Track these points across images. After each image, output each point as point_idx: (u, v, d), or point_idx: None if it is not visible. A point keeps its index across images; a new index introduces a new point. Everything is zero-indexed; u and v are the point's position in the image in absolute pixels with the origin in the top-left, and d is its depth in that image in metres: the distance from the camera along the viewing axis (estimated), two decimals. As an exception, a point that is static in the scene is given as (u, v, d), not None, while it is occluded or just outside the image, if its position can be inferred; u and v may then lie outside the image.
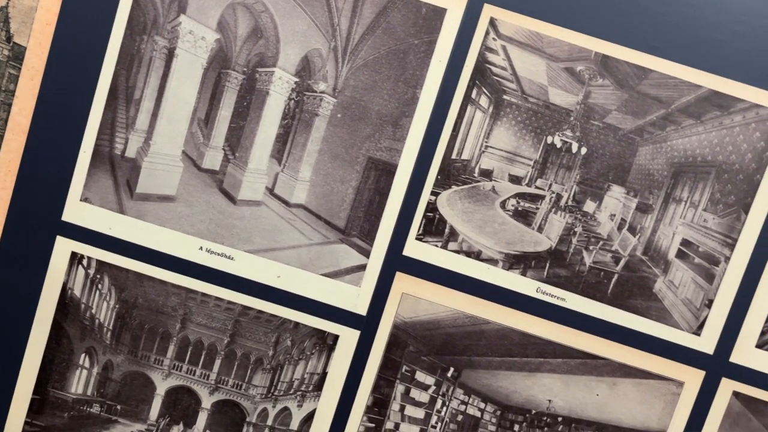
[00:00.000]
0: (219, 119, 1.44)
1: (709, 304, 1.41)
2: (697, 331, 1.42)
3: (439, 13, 1.38)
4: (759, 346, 1.42)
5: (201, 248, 1.44)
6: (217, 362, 1.49)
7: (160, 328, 1.48)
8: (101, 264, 1.45)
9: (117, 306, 1.47)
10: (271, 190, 1.45)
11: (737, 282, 1.40)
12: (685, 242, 1.42)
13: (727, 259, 1.40)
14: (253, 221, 1.45)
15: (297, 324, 1.46)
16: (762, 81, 1.35)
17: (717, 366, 1.42)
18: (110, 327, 1.48)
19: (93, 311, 1.47)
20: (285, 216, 1.45)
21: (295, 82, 1.42)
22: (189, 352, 1.49)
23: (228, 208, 1.45)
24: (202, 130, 1.44)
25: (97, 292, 1.47)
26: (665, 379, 1.43)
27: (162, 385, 1.49)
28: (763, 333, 1.41)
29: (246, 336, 1.48)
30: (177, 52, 1.41)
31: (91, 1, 1.39)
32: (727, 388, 1.43)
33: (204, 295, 1.46)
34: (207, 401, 1.50)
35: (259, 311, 1.46)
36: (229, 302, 1.46)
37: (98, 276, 1.46)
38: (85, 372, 1.49)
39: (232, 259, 1.44)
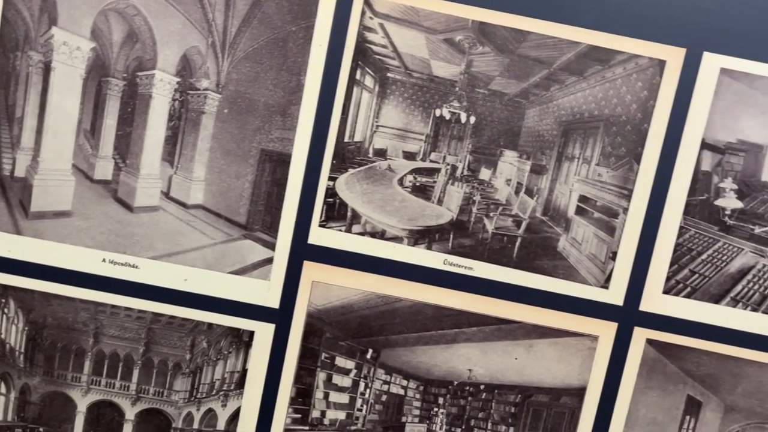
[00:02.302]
0: (105, 128, 1.42)
1: (613, 256, 1.43)
2: (605, 284, 1.44)
3: (313, -3, 1.37)
4: (666, 291, 1.44)
5: (104, 260, 1.43)
6: (136, 372, 1.48)
7: (74, 345, 1.46)
8: (4, 288, 1.43)
9: (26, 328, 1.45)
10: (166, 194, 1.44)
11: (638, 231, 1.42)
12: (583, 198, 1.43)
13: (625, 210, 1.41)
14: (152, 227, 1.43)
15: (210, 325, 1.45)
16: (638, 31, 1.37)
17: (628, 316, 1.44)
18: (22, 350, 1.46)
19: (2, 336, 1.45)
20: (184, 218, 1.44)
21: (177, 82, 1.41)
22: (106, 366, 1.48)
23: (126, 217, 1.43)
24: (90, 141, 1.42)
25: (4, 316, 1.44)
26: (580, 335, 1.45)
27: (82, 402, 1.48)
28: (668, 278, 1.43)
29: (161, 343, 1.47)
30: (53, 65, 1.38)
31: (-42, 23, 1.36)
32: (640, 336, 1.45)
33: (113, 306, 1.44)
34: (130, 412, 1.49)
35: (171, 316, 1.45)
36: (140, 311, 1.45)
37: (3, 300, 1.44)
38: (2, 398, 1.47)
39: (136, 267, 1.43)
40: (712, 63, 1.37)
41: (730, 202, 1.42)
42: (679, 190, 1.40)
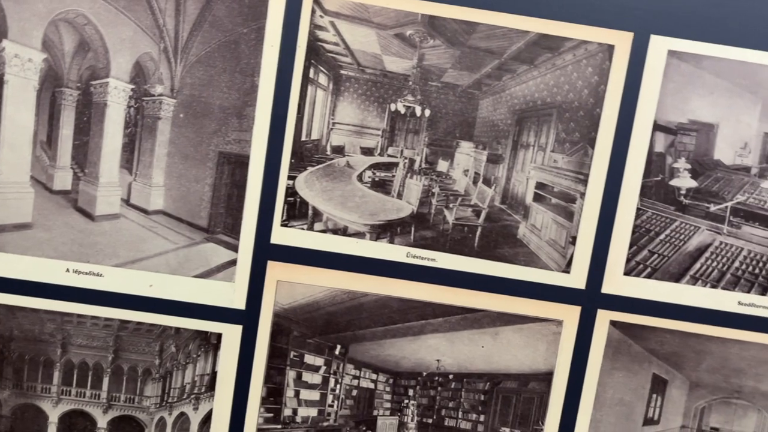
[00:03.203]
0: (62, 139, 1.42)
1: (573, 240, 1.45)
2: (566, 268, 1.45)
3: (263, -2, 1.38)
4: (627, 273, 1.46)
5: (68, 270, 1.43)
6: (106, 380, 1.48)
7: (42, 356, 1.47)
8: (-31, 303, 1.43)
9: (-7, 342, 1.46)
10: (127, 201, 1.44)
11: (596, 215, 1.44)
12: (540, 185, 1.45)
13: (582, 194, 1.43)
14: (115, 235, 1.44)
15: (178, 329, 1.46)
16: (585, 18, 1.38)
17: (591, 299, 1.46)
18: (-10, 364, 1.46)
19: (-31, 351, 1.45)
20: (146, 224, 1.44)
21: (132, 89, 1.41)
22: (75, 375, 1.48)
23: (87, 226, 1.43)
24: (47, 152, 1.42)
25: (-30, 331, 1.45)
26: (544, 320, 1.47)
27: (54, 413, 1.48)
28: (628, 260, 1.45)
29: (129, 349, 1.47)
30: (6, 78, 1.38)
31: None
32: (603, 318, 1.47)
33: (79, 316, 1.45)
34: (102, 420, 1.49)
35: (138, 323, 1.45)
36: (106, 319, 1.45)
37: (-32, 315, 1.44)
38: (-27, 413, 1.47)
39: (100, 275, 1.43)
40: (659, 45, 1.39)
41: (684, 181, 1.45)
42: (634, 173, 1.42)
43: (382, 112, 1.44)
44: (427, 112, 1.43)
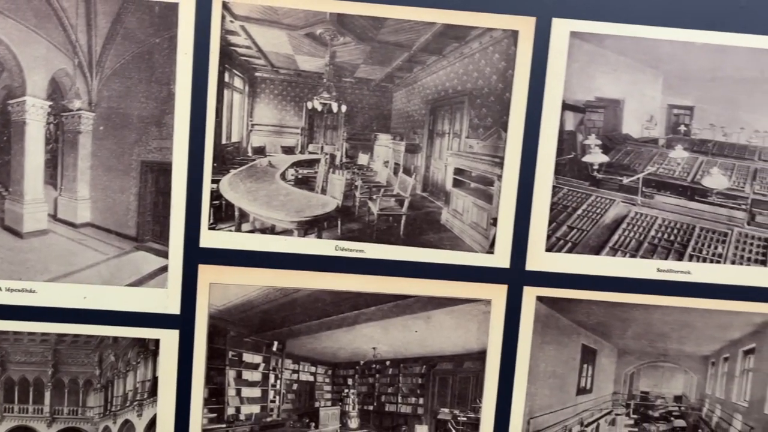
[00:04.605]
0: (-17, 159, 1.43)
1: (494, 222, 1.49)
2: (490, 249, 1.50)
3: (172, 8, 1.40)
4: (548, 249, 1.51)
5: (0, 289, 1.44)
6: (47, 394, 1.50)
7: (-19, 376, 1.48)
8: None
9: (-69, 366, 1.47)
10: (54, 216, 1.46)
11: (514, 196, 1.48)
12: (458, 171, 1.50)
13: (499, 177, 1.48)
14: (44, 251, 1.45)
15: (116, 338, 1.48)
16: (488, 5, 1.42)
17: (516, 277, 1.51)
18: (-71, 388, 1.47)
19: None
20: (75, 238, 1.46)
21: (50, 106, 1.43)
22: (16, 392, 1.50)
23: (16, 244, 1.45)
24: (-31, 173, 1.44)
25: None
26: (473, 301, 1.51)
27: (-2, 431, 1.50)
28: (548, 237, 1.50)
29: (69, 362, 1.49)
30: None
31: None
32: (530, 295, 1.52)
33: (15, 333, 1.46)
34: (47, 434, 1.51)
35: (75, 335, 1.47)
36: (43, 334, 1.47)
37: None
38: None
39: (33, 292, 1.45)
40: (561, 28, 1.44)
41: (596, 157, 1.50)
42: (547, 152, 1.47)
43: (299, 111, 1.47)
44: (344, 108, 1.46)
